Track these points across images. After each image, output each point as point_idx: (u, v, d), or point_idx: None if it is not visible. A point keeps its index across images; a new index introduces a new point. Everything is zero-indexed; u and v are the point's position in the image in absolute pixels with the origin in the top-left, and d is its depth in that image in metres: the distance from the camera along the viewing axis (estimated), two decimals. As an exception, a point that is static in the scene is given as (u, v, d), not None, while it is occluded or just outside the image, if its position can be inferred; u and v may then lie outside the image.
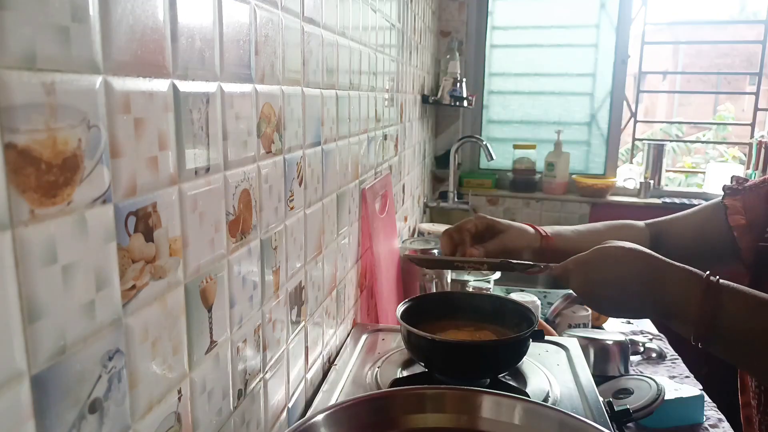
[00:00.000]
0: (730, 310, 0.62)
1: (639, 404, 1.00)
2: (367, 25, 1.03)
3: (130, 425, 0.40)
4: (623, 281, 0.67)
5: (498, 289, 1.55)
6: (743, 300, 0.62)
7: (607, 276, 0.68)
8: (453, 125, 2.36)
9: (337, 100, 0.87)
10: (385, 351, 0.93)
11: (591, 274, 0.70)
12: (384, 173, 1.25)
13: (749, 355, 0.64)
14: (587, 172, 2.40)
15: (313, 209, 0.78)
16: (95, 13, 0.34)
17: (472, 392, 0.59)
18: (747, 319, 0.62)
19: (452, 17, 2.29)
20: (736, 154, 4.80)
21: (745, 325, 0.62)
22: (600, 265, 0.69)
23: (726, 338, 0.62)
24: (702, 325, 0.62)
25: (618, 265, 0.68)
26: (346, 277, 0.98)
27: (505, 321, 0.89)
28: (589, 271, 0.70)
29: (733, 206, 0.83)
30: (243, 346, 0.59)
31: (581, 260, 0.71)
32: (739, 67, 8.47)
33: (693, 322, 0.62)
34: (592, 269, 0.69)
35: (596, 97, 2.36)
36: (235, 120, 0.54)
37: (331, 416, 0.54)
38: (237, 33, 0.53)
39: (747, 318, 0.62)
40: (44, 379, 0.32)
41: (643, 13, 2.28)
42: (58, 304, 0.32)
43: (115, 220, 0.37)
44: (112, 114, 0.36)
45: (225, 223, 0.53)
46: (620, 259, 0.68)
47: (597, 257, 0.69)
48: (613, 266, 0.68)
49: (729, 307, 0.62)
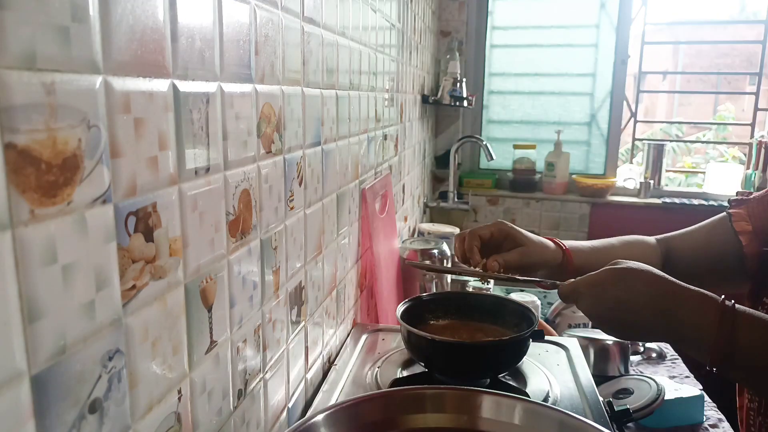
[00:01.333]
0: (745, 336, 0.61)
1: (639, 404, 1.00)
2: (367, 25, 1.03)
3: (130, 425, 0.40)
4: (635, 304, 0.65)
5: (498, 289, 1.55)
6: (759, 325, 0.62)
7: (619, 298, 0.65)
8: (453, 125, 2.36)
9: (337, 100, 0.87)
10: (385, 351, 0.93)
11: (602, 295, 0.67)
12: (384, 173, 1.25)
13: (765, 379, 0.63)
14: (587, 172, 2.40)
15: (313, 209, 0.78)
16: (95, 13, 0.34)
17: (472, 392, 0.59)
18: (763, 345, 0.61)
19: (452, 17, 2.29)
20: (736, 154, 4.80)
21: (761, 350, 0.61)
22: (611, 287, 0.66)
23: (742, 364, 0.62)
24: (718, 351, 0.61)
25: (629, 288, 0.65)
26: (346, 277, 0.98)
27: (505, 321, 0.89)
28: (600, 292, 0.67)
29: (738, 214, 0.83)
30: (243, 346, 0.59)
31: (591, 281, 0.68)
32: (739, 67, 8.46)
33: (708, 348, 0.61)
34: (603, 291, 0.67)
35: (596, 97, 2.36)
36: (235, 120, 0.54)
37: (331, 416, 0.54)
38: (237, 33, 0.53)
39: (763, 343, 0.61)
40: (44, 379, 0.32)
41: (643, 13, 2.28)
42: (58, 304, 0.32)
43: (115, 220, 0.37)
44: (112, 114, 0.36)
45: (225, 223, 0.53)
46: (633, 282, 0.65)
47: (608, 279, 0.67)
48: (624, 289, 0.65)
49: (745, 333, 0.61)
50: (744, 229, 0.82)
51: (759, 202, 0.82)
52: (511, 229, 0.82)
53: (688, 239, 0.89)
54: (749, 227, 0.81)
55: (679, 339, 0.65)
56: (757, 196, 0.83)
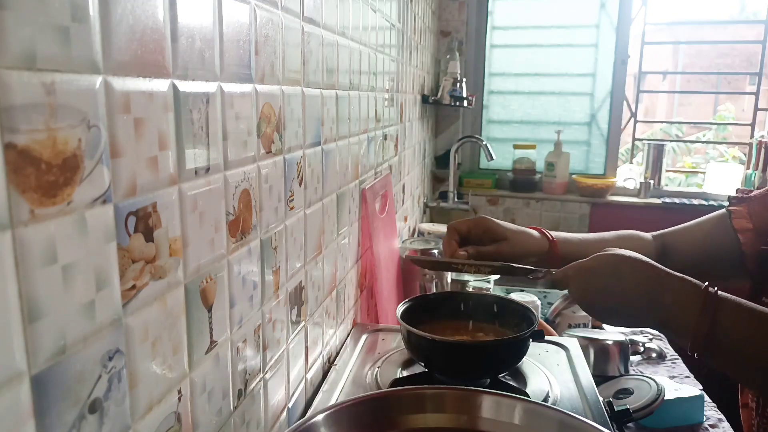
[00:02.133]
0: (727, 322, 0.62)
1: (639, 404, 1.00)
2: (367, 25, 1.03)
3: (130, 425, 0.40)
4: (622, 289, 0.67)
5: (498, 289, 1.55)
6: (741, 312, 0.62)
7: (607, 284, 0.68)
8: (453, 125, 2.36)
9: (337, 100, 0.87)
10: (385, 351, 0.93)
11: (590, 280, 0.69)
12: (384, 173, 1.25)
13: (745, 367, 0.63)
14: (587, 172, 2.40)
15: (313, 209, 0.78)
16: (95, 13, 0.34)
17: (472, 392, 0.59)
18: (744, 331, 0.62)
19: (452, 17, 2.29)
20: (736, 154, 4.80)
21: (742, 337, 0.62)
22: (599, 273, 0.69)
23: (723, 350, 0.62)
24: (699, 336, 0.62)
25: (617, 273, 0.67)
26: (346, 277, 0.98)
27: (505, 321, 0.89)
28: (589, 277, 0.69)
29: (738, 212, 0.83)
30: (243, 346, 0.59)
31: (581, 267, 0.71)
32: (739, 67, 8.46)
33: (690, 333, 0.62)
34: (592, 276, 0.69)
35: (596, 97, 2.36)
36: (235, 120, 0.54)
37: (331, 416, 0.54)
38: (237, 33, 0.53)
39: (744, 330, 0.62)
40: (44, 379, 0.32)
41: (643, 13, 2.28)
42: (58, 304, 0.32)
43: (115, 220, 0.37)
44: (112, 114, 0.36)
45: (225, 223, 0.53)
46: (620, 267, 0.68)
47: (597, 264, 0.69)
48: (612, 274, 0.68)
49: (726, 319, 0.62)
50: (744, 227, 0.82)
51: (760, 201, 0.82)
52: (491, 223, 0.83)
53: (685, 235, 0.89)
54: (750, 225, 0.81)
55: (663, 324, 0.66)
56: (758, 195, 0.83)
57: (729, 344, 0.62)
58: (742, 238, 0.81)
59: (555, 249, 0.85)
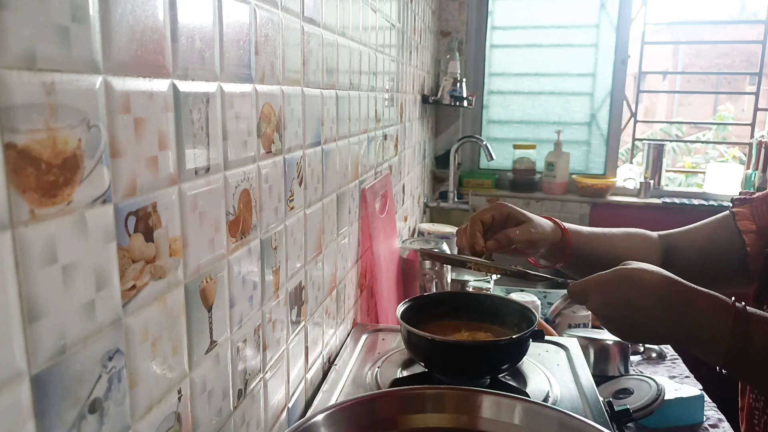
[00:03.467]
0: (758, 337, 0.61)
1: (639, 404, 1.00)
2: (367, 25, 1.03)
3: (130, 425, 0.40)
4: (644, 305, 0.64)
5: (498, 289, 1.55)
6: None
7: (628, 298, 0.65)
8: (453, 125, 2.36)
9: (337, 100, 0.87)
10: (385, 351, 0.93)
11: (611, 295, 0.67)
12: (384, 173, 1.25)
13: None
14: (587, 172, 2.40)
15: (313, 209, 0.78)
16: (95, 13, 0.34)
17: (472, 392, 0.59)
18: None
19: (452, 17, 2.29)
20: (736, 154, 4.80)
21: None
22: (623, 288, 0.66)
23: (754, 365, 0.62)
24: (731, 353, 0.61)
25: (642, 290, 0.65)
26: (346, 277, 0.98)
27: (505, 321, 0.89)
28: (611, 292, 0.67)
29: (742, 213, 0.83)
30: (243, 346, 0.59)
31: (601, 279, 0.68)
32: (739, 67, 8.46)
33: (722, 350, 0.62)
34: (614, 290, 0.66)
35: (596, 97, 2.36)
36: (235, 120, 0.54)
37: (331, 416, 0.54)
38: (237, 33, 0.53)
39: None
40: (44, 379, 0.32)
41: (643, 13, 2.28)
42: (58, 304, 0.32)
43: (115, 220, 0.37)
44: (112, 114, 0.36)
45: (225, 223, 0.53)
46: (645, 283, 0.65)
47: (620, 279, 0.66)
48: (637, 290, 0.65)
49: (757, 335, 0.61)
50: (748, 228, 0.82)
51: (763, 202, 0.82)
52: (511, 209, 0.83)
53: (690, 237, 0.89)
54: (753, 226, 0.81)
55: (689, 341, 0.65)
56: (761, 196, 0.83)
57: (760, 359, 0.62)
58: (747, 239, 0.81)
59: (568, 238, 0.85)
